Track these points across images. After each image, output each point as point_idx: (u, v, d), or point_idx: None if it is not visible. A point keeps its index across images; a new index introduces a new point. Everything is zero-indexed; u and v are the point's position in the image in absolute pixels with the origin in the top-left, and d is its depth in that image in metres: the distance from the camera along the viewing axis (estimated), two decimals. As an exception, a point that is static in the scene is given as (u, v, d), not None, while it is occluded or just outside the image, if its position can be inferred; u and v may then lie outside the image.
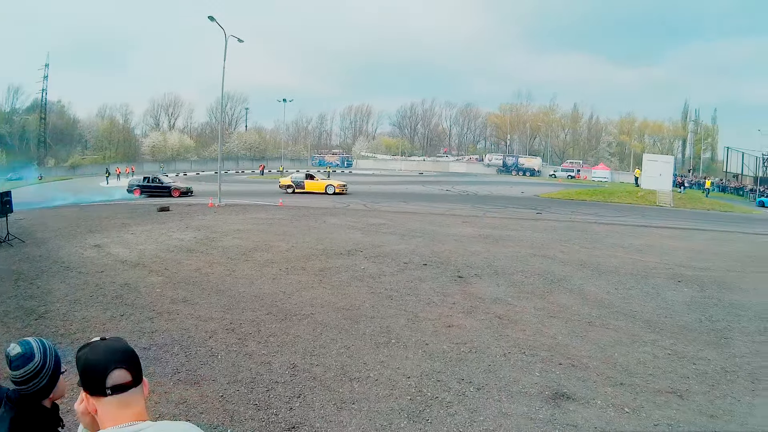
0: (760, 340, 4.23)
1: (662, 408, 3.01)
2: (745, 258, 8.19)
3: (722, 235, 11.38)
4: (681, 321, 4.80)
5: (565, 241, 8.90)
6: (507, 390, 3.17)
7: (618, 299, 5.46)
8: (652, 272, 6.76)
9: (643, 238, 9.92)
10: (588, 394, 3.15)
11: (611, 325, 4.62)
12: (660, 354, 3.97)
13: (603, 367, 3.63)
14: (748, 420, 2.83)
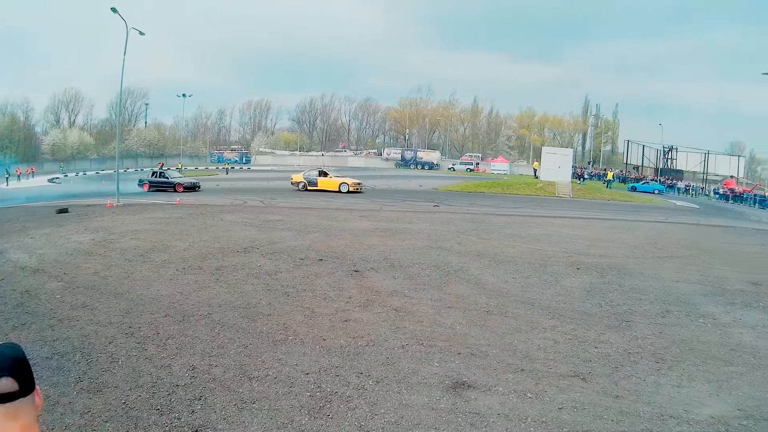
0: (663, 322, 12.01)
1: (566, 391, 8.10)
2: (645, 244, 22.83)
3: (622, 224, 31.68)
4: (581, 307, 12.70)
5: (462, 233, 21.95)
6: (406, 382, 8.07)
7: (516, 288, 13.99)
8: (551, 261, 17.59)
9: (541, 228, 25.61)
10: (489, 382, 8.24)
11: (510, 313, 11.83)
12: (560, 339, 10.40)
13: (503, 354, 9.45)
14: (655, 399, 8.14)
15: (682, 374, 9.74)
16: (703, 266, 19.69)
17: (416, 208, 32.76)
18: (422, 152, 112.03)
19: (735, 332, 12.59)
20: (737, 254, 24.22)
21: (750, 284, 17.50)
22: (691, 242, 26.30)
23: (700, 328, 12.57)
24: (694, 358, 10.60)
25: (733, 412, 8.61)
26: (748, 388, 9.57)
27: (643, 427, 7.58)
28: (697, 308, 14.00)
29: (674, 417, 8.06)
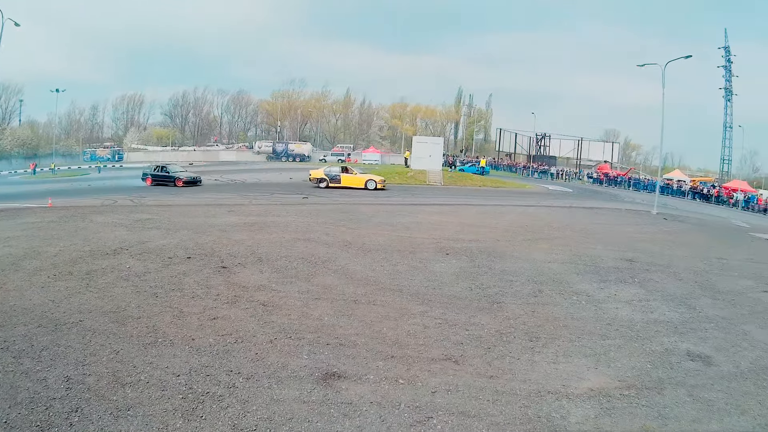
0: (535, 302, 13.47)
1: (438, 375, 8.81)
2: (516, 228, 25.62)
3: (493, 209, 35.26)
4: (450, 291, 13.86)
5: (330, 224, 23.19)
6: (276, 376, 8.54)
7: (384, 276, 14.91)
8: (420, 247, 18.89)
9: (411, 216, 27.61)
10: (359, 371, 8.82)
11: (378, 302, 12.63)
12: (431, 324, 11.32)
13: (372, 342, 10.13)
14: (531, 376, 9.11)
15: (558, 351, 10.29)
16: (576, 246, 20.98)
17: (285, 200, 33.20)
18: (293, 144, 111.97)
19: (610, 307, 13.47)
20: (610, 234, 25.97)
21: (624, 261, 18.77)
22: (563, 224, 28.25)
23: (574, 305, 13.36)
24: (570, 335, 11.23)
25: (613, 383, 9.19)
26: (627, 360, 10.29)
27: (520, 404, 7.94)
28: (570, 286, 14.91)
29: (552, 393, 8.48)
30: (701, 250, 24.16)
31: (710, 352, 11.35)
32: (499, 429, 7.23)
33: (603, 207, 40.99)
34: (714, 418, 8.50)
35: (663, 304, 14.42)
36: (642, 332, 12.03)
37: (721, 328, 13.07)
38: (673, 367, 10.32)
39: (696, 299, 15.30)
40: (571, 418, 7.74)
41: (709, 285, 17.19)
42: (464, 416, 7.46)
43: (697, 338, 12.21)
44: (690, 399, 9.04)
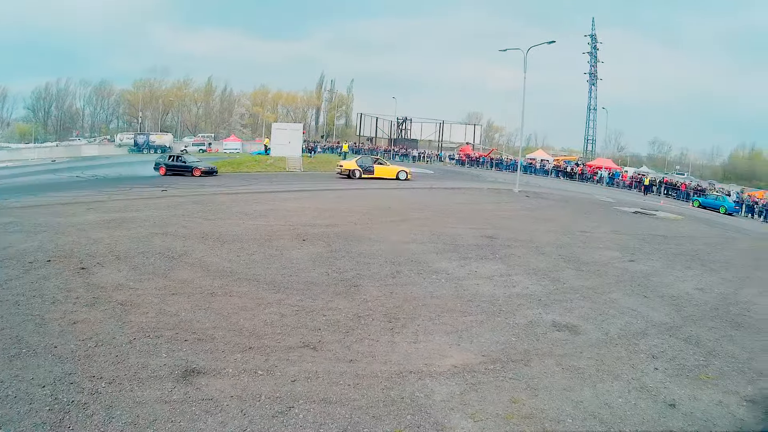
0: (393, 283, 13.94)
1: (297, 363, 8.90)
2: (374, 210, 26.45)
3: (351, 192, 35.62)
4: (307, 277, 14.06)
5: (188, 216, 22.47)
6: (138, 378, 8.30)
7: (240, 266, 14.79)
8: (276, 235, 19.09)
9: (269, 204, 27.76)
10: (218, 365, 8.83)
11: (235, 293, 12.59)
12: (287, 312, 11.42)
13: (230, 335, 10.09)
14: (391, 357, 9.39)
15: (418, 330, 10.45)
16: (435, 226, 21.64)
17: (144, 194, 31.51)
18: (154, 135, 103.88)
19: (471, 284, 13.81)
20: (471, 213, 26.90)
21: (485, 238, 19.36)
22: (423, 205, 29.38)
23: (433, 284, 13.64)
24: (429, 313, 11.44)
25: (477, 359, 9.39)
26: (490, 335, 10.57)
27: (382, 386, 7.99)
28: (429, 266, 15.28)
29: (414, 372, 8.57)
30: (564, 225, 25.44)
31: (577, 322, 11.88)
32: (362, 413, 7.24)
33: (464, 187, 42.17)
34: (586, 385, 8.82)
35: (525, 278, 14.96)
36: (504, 306, 12.37)
37: (587, 298, 13.73)
38: (539, 339, 10.68)
39: (560, 271, 16.05)
40: (436, 397, 7.83)
41: (573, 257, 18.08)
42: (326, 403, 7.46)
43: (562, 309, 12.72)
44: (559, 368, 9.36)
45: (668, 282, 16.24)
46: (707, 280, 17.20)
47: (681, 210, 44.85)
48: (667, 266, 18.58)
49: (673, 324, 12.55)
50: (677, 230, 29.08)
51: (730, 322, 13.25)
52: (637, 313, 13.00)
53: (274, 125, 73.27)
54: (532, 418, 7.54)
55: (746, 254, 24.81)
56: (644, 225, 29.51)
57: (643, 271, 17.36)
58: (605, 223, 27.61)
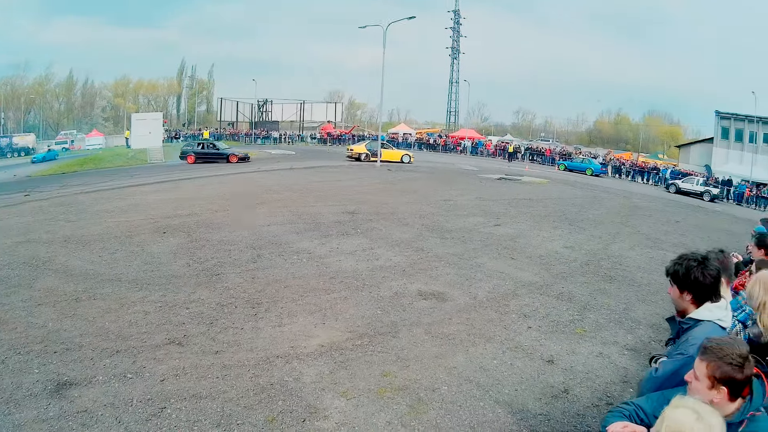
0: (255, 267, 13.77)
1: (164, 361, 8.47)
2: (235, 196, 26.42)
3: (211, 180, 35.26)
4: (169, 271, 13.54)
5: (52, 220, 20.95)
6: (14, 399, 7.55)
7: (103, 267, 13.98)
8: (137, 230, 18.27)
9: (130, 199, 26.48)
10: (88, 374, 8.21)
11: (98, 295, 11.77)
12: (151, 309, 10.89)
13: (97, 340, 9.41)
14: (257, 344, 9.17)
15: (282, 313, 10.36)
16: (296, 206, 21.83)
17: (5, 201, 28.75)
18: (17, 137, 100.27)
19: (333, 261, 13.84)
20: (332, 190, 27.07)
21: (346, 214, 19.48)
22: (284, 186, 29.63)
23: (294, 264, 13.64)
24: (292, 295, 11.38)
25: (344, 335, 9.36)
26: (355, 310, 10.57)
27: (250, 375, 7.84)
28: (290, 246, 15.31)
29: (281, 356, 8.45)
30: (427, 195, 25.92)
31: (443, 289, 12.03)
32: (234, 404, 7.07)
33: (326, 165, 42.39)
34: (458, 351, 8.91)
35: (388, 250, 15.08)
36: (368, 280, 12.43)
37: (452, 265, 13.97)
38: (405, 309, 10.74)
39: (423, 241, 16.30)
40: (305, 379, 7.73)
41: (437, 226, 18.40)
42: (197, 399, 7.23)
43: (427, 278, 12.88)
44: (429, 337, 9.44)
45: (536, 243, 16.83)
46: (576, 238, 17.91)
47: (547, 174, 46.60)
48: (534, 228, 19.25)
49: (544, 283, 12.98)
50: (543, 193, 30.23)
51: (603, 276, 13.89)
52: (505, 275, 13.34)
53: (134, 116, 71.15)
54: (405, 390, 7.53)
55: (614, 212, 26.02)
56: (509, 190, 30.50)
57: (509, 234, 17.90)
58: (469, 191, 28.31)
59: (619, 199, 32.66)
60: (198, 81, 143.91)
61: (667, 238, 20.22)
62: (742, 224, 27.85)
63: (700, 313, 3.94)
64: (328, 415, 6.92)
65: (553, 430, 6.90)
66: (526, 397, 7.54)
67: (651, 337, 9.95)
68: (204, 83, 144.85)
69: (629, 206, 29.68)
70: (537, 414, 7.12)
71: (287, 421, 6.79)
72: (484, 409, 7.16)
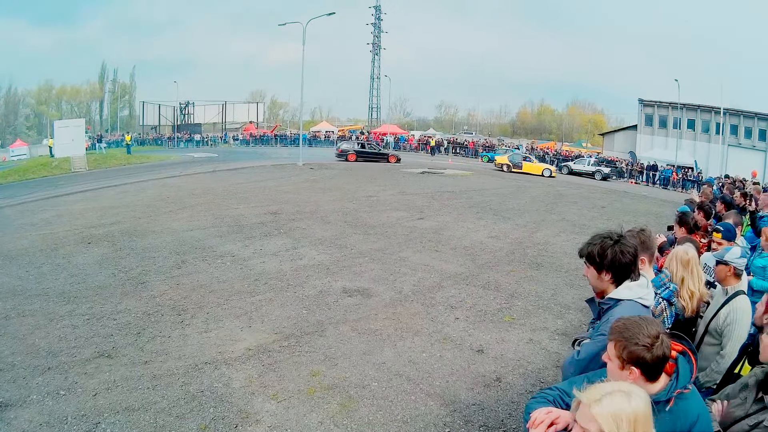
0: (179, 274, 13.54)
1: (95, 376, 8.20)
2: (157, 201, 25.19)
3: (135, 186, 32.65)
4: (95, 282, 13.13)
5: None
6: None
7: (30, 281, 13.41)
8: (63, 242, 17.42)
9: (53, 210, 24.54)
10: (22, 394, 7.85)
11: (27, 311, 11.21)
12: (79, 323, 10.35)
13: (29, 359, 8.99)
14: (185, 351, 8.99)
15: (208, 318, 10.25)
16: (218, 209, 21.63)
17: None
18: None
19: (256, 263, 13.78)
20: (254, 191, 26.94)
21: (268, 215, 19.42)
22: (205, 189, 29.11)
23: (219, 268, 13.52)
24: (218, 299, 11.27)
25: (270, 337, 9.31)
26: (280, 311, 10.53)
27: (180, 383, 7.71)
28: (213, 250, 15.23)
29: (209, 363, 8.35)
30: (350, 192, 26.04)
31: (368, 285, 12.12)
32: (166, 415, 6.95)
33: (248, 166, 41.97)
34: (386, 346, 8.98)
35: (312, 249, 15.08)
36: (292, 280, 12.40)
37: (376, 260, 14.12)
38: (330, 307, 10.76)
39: (346, 238, 16.38)
40: (235, 384, 7.68)
41: (360, 222, 18.54)
42: (129, 411, 7.09)
43: (351, 274, 12.94)
44: (355, 333, 9.48)
45: (460, 235, 17.01)
46: (501, 227, 18.18)
47: (470, 166, 47.26)
48: (458, 219, 19.46)
49: (470, 273, 13.13)
50: (467, 185, 30.58)
51: (529, 264, 14.18)
52: (430, 268, 13.48)
53: (57, 123, 67.16)
54: (335, 388, 7.54)
55: (538, 200, 26.56)
56: (432, 183, 30.79)
57: (433, 227, 18.08)
58: (391, 186, 28.48)
59: (544, 188, 33.42)
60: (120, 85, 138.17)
61: (593, 224, 20.68)
62: (669, 207, 28.50)
63: (619, 292, 3.96)
64: (259, 419, 6.88)
65: (488, 419, 6.96)
66: (458, 388, 7.59)
67: (581, 320, 10.11)
68: (126, 87, 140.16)
69: (554, 194, 30.32)
70: (470, 404, 7.19)
71: (220, 428, 6.73)
72: (416, 403, 7.20)
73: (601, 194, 34.60)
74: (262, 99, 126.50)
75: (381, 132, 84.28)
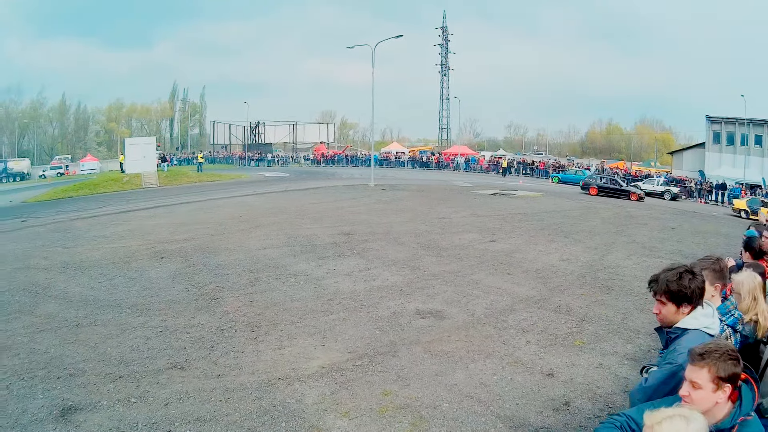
0: (252, 291, 13.95)
1: (167, 386, 8.51)
2: (230, 220, 26.38)
3: (208, 204, 35.12)
4: (168, 296, 13.76)
5: (49, 246, 21.35)
6: (19, 424, 7.61)
7: (102, 293, 14.21)
8: (135, 255, 18.53)
9: (125, 224, 26.46)
10: (93, 399, 8.31)
11: (99, 321, 11.94)
12: (151, 334, 10.82)
13: (100, 366, 9.52)
14: (258, 366, 9.26)
15: (282, 335, 10.45)
16: (291, 229, 21.97)
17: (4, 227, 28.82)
18: (12, 162, 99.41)
19: (330, 283, 13.94)
20: (326, 211, 27.22)
21: (342, 235, 19.65)
22: (278, 209, 29.79)
23: (292, 287, 13.75)
24: (291, 317, 11.48)
25: (344, 356, 9.41)
26: (354, 331, 10.63)
27: (253, 397, 7.88)
28: (287, 269, 15.45)
29: (282, 378, 8.50)
30: (422, 214, 26.11)
31: (441, 307, 12.12)
32: (237, 427, 7.10)
33: (320, 186, 42.36)
34: (458, 368, 8.98)
35: (385, 270, 15.19)
36: (366, 301, 12.53)
37: (449, 283, 14.07)
38: (403, 329, 10.80)
39: (419, 260, 16.40)
40: (307, 400, 7.78)
41: (432, 244, 18.55)
42: (201, 422, 7.29)
43: (425, 296, 12.96)
44: (428, 355, 9.50)
45: (531, 257, 16.89)
46: (572, 250, 17.99)
47: (541, 187, 47.00)
48: (529, 242, 19.32)
49: (541, 297, 13.03)
50: (538, 207, 30.39)
51: (600, 287, 13.95)
52: (502, 291, 13.39)
53: (128, 141, 70.15)
54: (407, 408, 7.57)
55: (608, 222, 26.17)
56: (503, 205, 30.64)
57: (505, 249, 17.96)
58: (463, 208, 28.46)
59: (614, 209, 32.80)
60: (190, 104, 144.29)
61: (663, 246, 20.28)
62: (739, 227, 27.64)
63: (686, 322, 4.04)
64: (331, 435, 6.96)
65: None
66: (527, 411, 7.54)
67: (650, 345, 9.92)
68: (196, 106, 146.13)
69: (624, 215, 29.83)
70: (539, 427, 7.13)
71: (291, 443, 6.83)
72: (486, 425, 7.17)
73: (671, 215, 34.05)
74: (332, 119, 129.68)
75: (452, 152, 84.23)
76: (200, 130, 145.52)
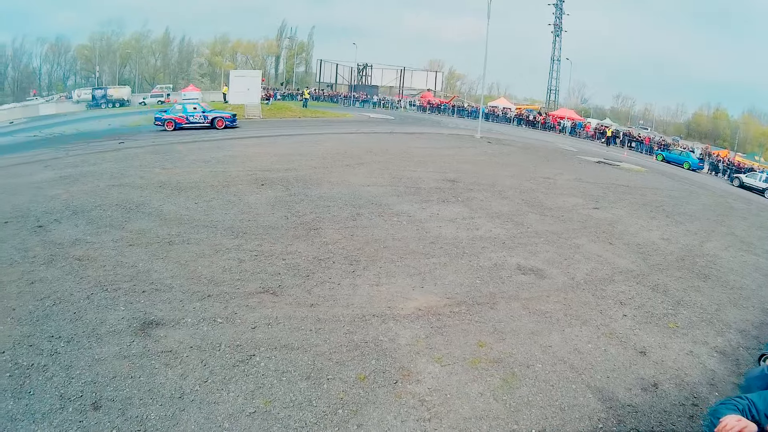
0: (354, 225, 14.25)
1: (257, 309, 8.96)
2: (333, 155, 27.08)
3: (310, 138, 35.88)
4: (266, 222, 14.42)
5: (145, 167, 22.37)
6: (96, 334, 8.34)
7: (198, 213, 14.99)
8: (234, 181, 19.32)
9: (227, 151, 27.97)
10: (176, 315, 8.89)
11: (192, 240, 12.70)
12: (246, 258, 11.50)
13: (188, 284, 10.16)
14: (353, 300, 9.56)
15: (380, 272, 10.38)
16: (395, 170, 21.72)
17: (101, 148, 29.64)
18: (112, 89, 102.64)
19: (433, 226, 13.79)
20: (431, 156, 26.90)
21: (446, 182, 19.35)
22: (383, 149, 30.01)
23: (394, 226, 13.64)
24: (391, 255, 11.38)
25: (442, 301, 9.33)
26: (454, 277, 10.51)
27: (344, 330, 7.89)
28: (390, 208, 15.34)
29: (377, 316, 8.47)
30: (527, 171, 25.52)
31: (542, 266, 11.91)
32: (325, 359, 7.14)
33: (425, 132, 42.12)
34: (554, 330, 8.82)
35: (488, 221, 14.94)
36: (468, 249, 12.33)
37: (551, 243, 13.81)
38: (504, 282, 10.65)
39: (523, 216, 16.09)
40: (401, 340, 7.76)
41: (537, 202, 18.18)
42: (287, 349, 7.35)
43: (527, 253, 12.75)
44: (526, 312, 9.36)
45: (633, 231, 16.39)
46: (672, 231, 17.39)
47: (644, 163, 45.55)
48: (632, 215, 18.76)
49: (640, 272, 12.66)
50: (641, 182, 29.44)
51: (697, 274, 13.42)
52: (602, 260, 13.07)
53: (233, 73, 72.19)
54: (500, 363, 7.48)
55: (710, 209, 25.16)
56: (607, 175, 29.83)
57: (608, 218, 17.48)
58: (568, 171, 27.79)
59: (715, 198, 31.41)
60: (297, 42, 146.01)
61: (761, 244, 19.30)
62: None
63: None
64: (420, 379, 6.92)
65: (639, 422, 6.79)
66: (617, 385, 7.46)
67: (740, 342, 9.64)
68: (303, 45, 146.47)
69: (725, 206, 28.65)
70: (626, 405, 7.05)
71: (379, 381, 6.81)
72: (576, 392, 7.11)
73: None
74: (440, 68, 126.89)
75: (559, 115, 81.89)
76: (306, 68, 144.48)
